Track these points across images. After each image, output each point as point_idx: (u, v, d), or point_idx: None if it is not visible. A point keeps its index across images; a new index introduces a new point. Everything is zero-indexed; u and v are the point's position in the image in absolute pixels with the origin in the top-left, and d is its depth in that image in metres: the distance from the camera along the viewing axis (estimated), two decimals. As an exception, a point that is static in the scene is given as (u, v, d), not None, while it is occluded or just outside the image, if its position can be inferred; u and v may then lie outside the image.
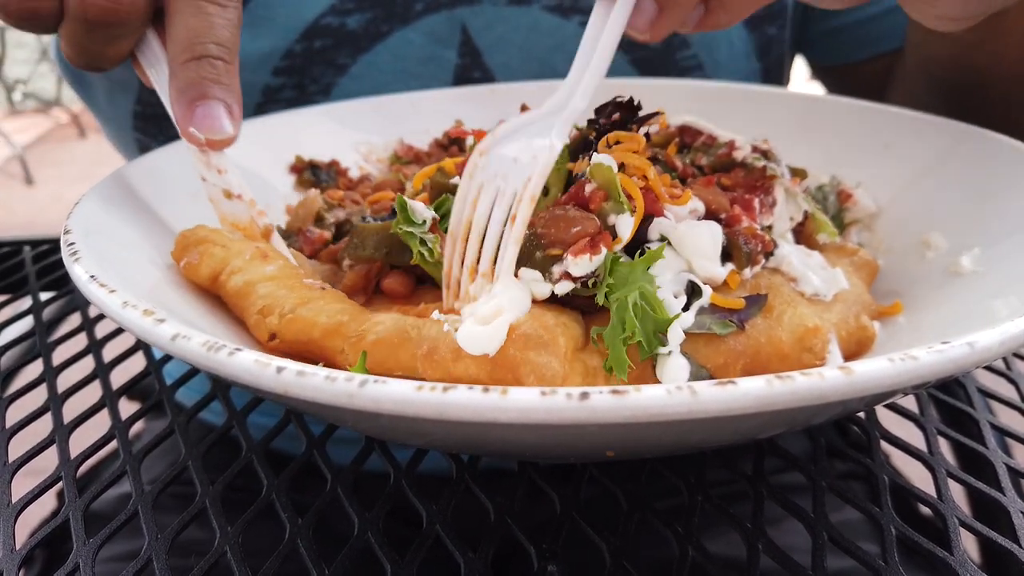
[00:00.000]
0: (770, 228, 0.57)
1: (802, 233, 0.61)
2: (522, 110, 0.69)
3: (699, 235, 0.50)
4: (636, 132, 0.57)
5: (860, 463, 0.53)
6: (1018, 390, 0.61)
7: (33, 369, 0.67)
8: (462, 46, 0.92)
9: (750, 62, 0.96)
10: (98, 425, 0.58)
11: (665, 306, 0.46)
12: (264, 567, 0.44)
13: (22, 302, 0.77)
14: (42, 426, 0.57)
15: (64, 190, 5.14)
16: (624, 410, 0.31)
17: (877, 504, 0.48)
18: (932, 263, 0.60)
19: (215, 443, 0.55)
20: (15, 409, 0.60)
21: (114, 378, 0.62)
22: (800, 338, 0.48)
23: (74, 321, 0.73)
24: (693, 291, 0.48)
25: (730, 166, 0.62)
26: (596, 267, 0.46)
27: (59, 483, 0.51)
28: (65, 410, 0.59)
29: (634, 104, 0.58)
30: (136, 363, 0.66)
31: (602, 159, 0.50)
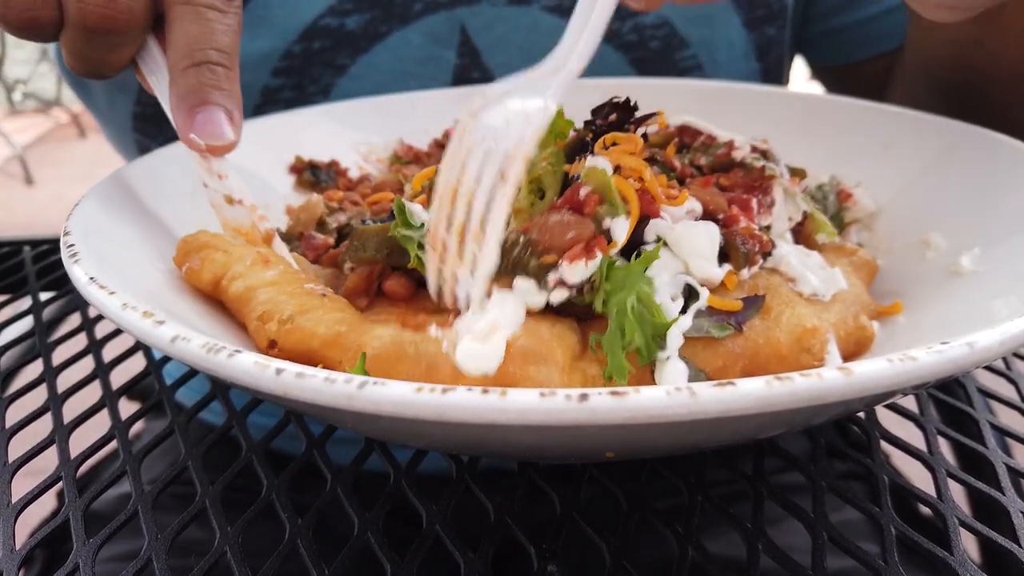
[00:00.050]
0: (768, 228, 0.57)
1: (801, 233, 0.61)
2: (522, 110, 0.69)
3: (696, 236, 0.49)
4: (633, 133, 0.57)
5: (860, 463, 0.53)
6: (1018, 390, 0.61)
7: (33, 369, 0.67)
8: (461, 46, 0.91)
9: (749, 62, 0.96)
10: (98, 425, 0.58)
11: (663, 309, 0.46)
12: (264, 567, 0.44)
13: (22, 302, 0.77)
14: (42, 426, 0.57)
15: (64, 190, 5.14)
16: (623, 411, 0.31)
17: (877, 504, 0.48)
18: (932, 263, 0.60)
19: (215, 443, 0.55)
20: (15, 409, 0.60)
21: (114, 378, 0.62)
22: (798, 339, 0.48)
23: (74, 321, 0.73)
24: (690, 294, 0.48)
25: (729, 166, 0.62)
26: (592, 272, 0.46)
27: (59, 483, 0.52)
28: (65, 410, 0.59)
29: (630, 105, 0.58)
30: (136, 363, 0.66)
31: (596, 162, 0.50)
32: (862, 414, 0.58)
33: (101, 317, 0.70)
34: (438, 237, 0.50)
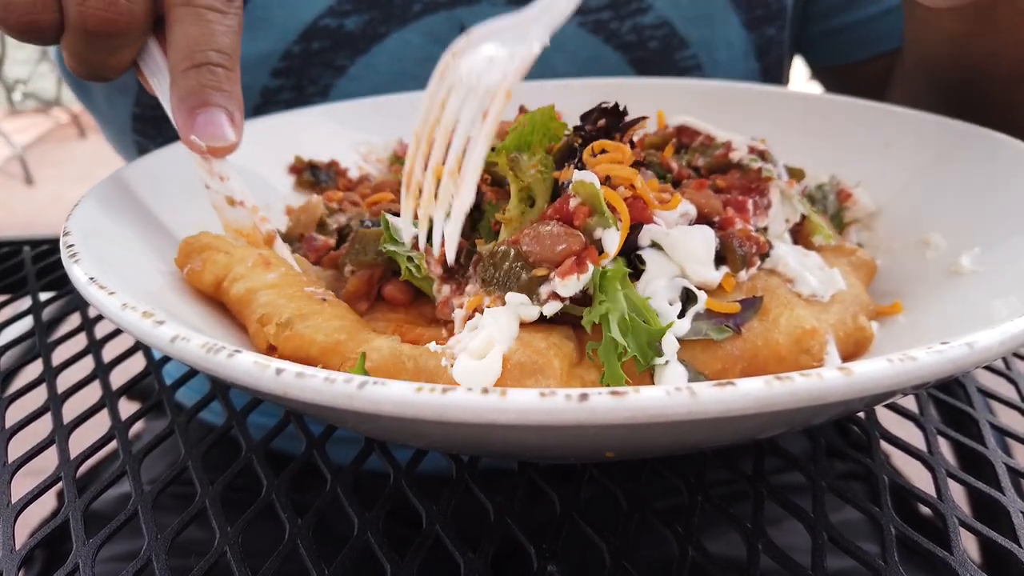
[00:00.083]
0: (765, 230, 0.57)
1: (800, 234, 0.61)
2: (520, 111, 0.69)
3: (691, 240, 0.49)
4: (621, 140, 0.56)
5: (860, 463, 0.53)
6: (1018, 390, 0.61)
7: (33, 369, 0.67)
8: None
9: (749, 62, 0.96)
10: (98, 425, 0.58)
11: (660, 314, 0.46)
12: (264, 567, 0.44)
13: (22, 302, 0.77)
14: (42, 426, 0.57)
15: (64, 190, 5.14)
16: (623, 411, 0.31)
17: (877, 504, 0.48)
18: (932, 263, 0.60)
19: (215, 443, 0.55)
20: (15, 409, 0.60)
21: (114, 378, 0.62)
22: (797, 340, 0.48)
23: (74, 321, 0.73)
24: (688, 297, 0.48)
25: (726, 167, 0.62)
26: (584, 284, 0.46)
27: (59, 483, 0.52)
28: (65, 410, 0.59)
29: (620, 110, 0.58)
30: (136, 363, 0.66)
31: (584, 176, 0.50)
32: (862, 414, 0.58)
33: (101, 317, 0.70)
34: (414, 179, 0.48)
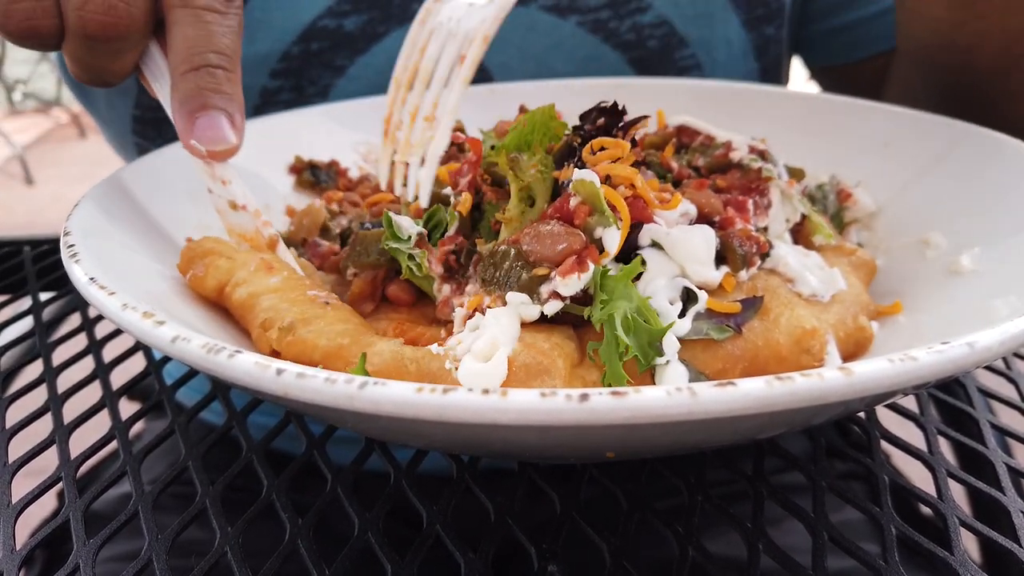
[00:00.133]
0: (765, 230, 0.57)
1: (800, 233, 0.61)
2: (521, 110, 0.69)
3: (691, 239, 0.49)
4: (621, 138, 0.56)
5: (860, 463, 0.53)
6: (1018, 390, 0.61)
7: (33, 369, 0.67)
8: None
9: (748, 62, 0.96)
10: (98, 425, 0.58)
11: (660, 314, 0.46)
12: (264, 567, 0.44)
13: (22, 302, 0.77)
14: (42, 426, 0.57)
15: (64, 190, 5.14)
16: (624, 411, 0.31)
17: (877, 504, 0.48)
18: (932, 263, 0.60)
19: (215, 443, 0.55)
20: (15, 409, 0.60)
21: (114, 378, 0.62)
22: (798, 340, 0.48)
23: (74, 321, 0.73)
24: (688, 297, 0.48)
25: (726, 167, 0.62)
26: (585, 283, 0.46)
27: (59, 483, 0.52)
28: (65, 410, 0.59)
29: (619, 109, 0.58)
30: (136, 363, 0.66)
31: (584, 175, 0.50)
32: (862, 414, 0.58)
33: (101, 317, 0.70)
34: (392, 124, 0.48)
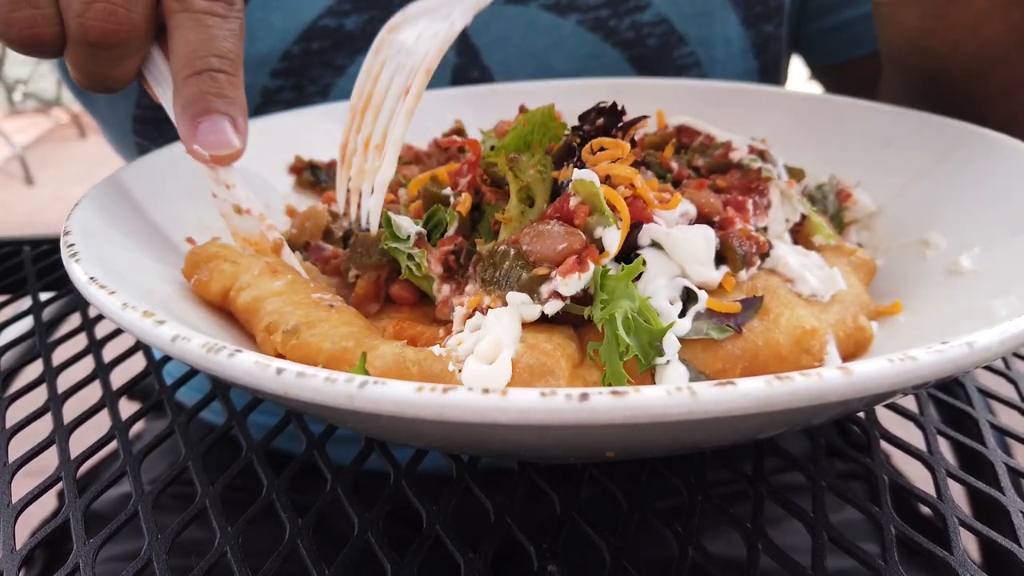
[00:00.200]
0: (765, 230, 0.57)
1: (800, 234, 0.61)
2: (520, 110, 0.69)
3: (691, 239, 0.49)
4: (621, 138, 0.56)
5: (860, 463, 0.53)
6: (1018, 390, 0.61)
7: (33, 369, 0.67)
8: (460, 45, 0.91)
9: (747, 60, 0.96)
10: (98, 425, 0.58)
11: (660, 314, 0.46)
12: (264, 567, 0.44)
13: (22, 302, 0.77)
14: (42, 426, 0.57)
15: (64, 190, 5.14)
16: (624, 411, 0.31)
17: (877, 504, 0.48)
18: (932, 263, 0.60)
19: (215, 443, 0.55)
20: (15, 409, 0.60)
21: (114, 378, 0.62)
22: (797, 340, 0.48)
23: (74, 321, 0.73)
24: (688, 297, 0.48)
25: (726, 167, 0.62)
26: (585, 283, 0.46)
27: (59, 483, 0.52)
28: (65, 410, 0.59)
29: (618, 109, 0.58)
30: (136, 363, 0.66)
31: (583, 175, 0.50)
32: (862, 414, 0.58)
33: (101, 317, 0.71)
34: (348, 150, 0.50)
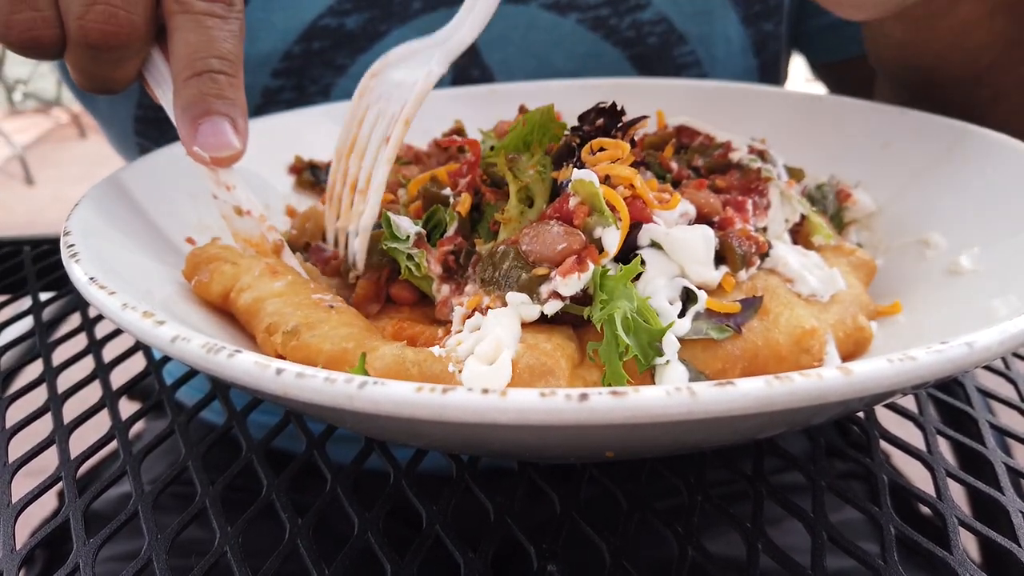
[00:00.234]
0: (765, 230, 0.57)
1: (800, 234, 0.61)
2: (520, 111, 0.69)
3: (690, 240, 0.49)
4: (620, 138, 0.56)
5: (860, 463, 0.53)
6: (1017, 390, 0.61)
7: (33, 369, 0.67)
8: None
9: (747, 58, 0.96)
10: (98, 425, 0.58)
11: (660, 314, 0.46)
12: (264, 567, 0.44)
13: (22, 302, 0.77)
14: (42, 426, 0.58)
15: (64, 190, 5.14)
16: (623, 411, 0.31)
17: (877, 504, 0.48)
18: (932, 263, 0.60)
19: (215, 443, 0.55)
20: (15, 409, 0.60)
21: (114, 378, 0.62)
22: (797, 340, 0.48)
23: (74, 321, 0.73)
24: (688, 297, 0.48)
25: (725, 168, 0.62)
26: (585, 283, 0.46)
27: (59, 483, 0.52)
28: (65, 410, 0.59)
29: (617, 109, 0.58)
30: (136, 363, 0.66)
31: (583, 175, 0.50)
32: (862, 414, 0.58)
33: (101, 317, 0.71)
34: (335, 193, 0.51)
